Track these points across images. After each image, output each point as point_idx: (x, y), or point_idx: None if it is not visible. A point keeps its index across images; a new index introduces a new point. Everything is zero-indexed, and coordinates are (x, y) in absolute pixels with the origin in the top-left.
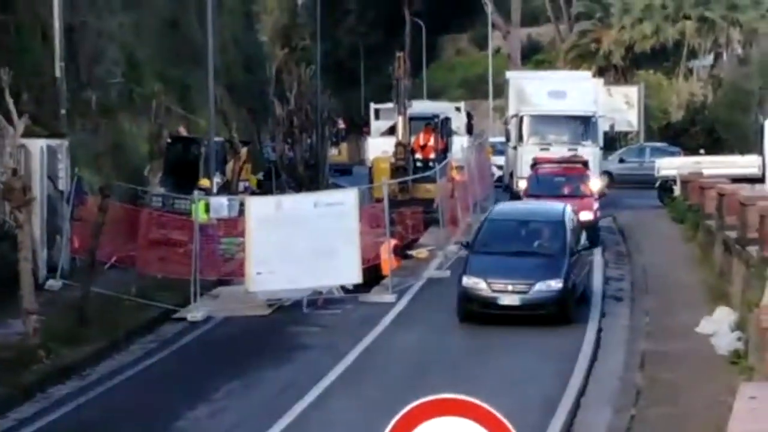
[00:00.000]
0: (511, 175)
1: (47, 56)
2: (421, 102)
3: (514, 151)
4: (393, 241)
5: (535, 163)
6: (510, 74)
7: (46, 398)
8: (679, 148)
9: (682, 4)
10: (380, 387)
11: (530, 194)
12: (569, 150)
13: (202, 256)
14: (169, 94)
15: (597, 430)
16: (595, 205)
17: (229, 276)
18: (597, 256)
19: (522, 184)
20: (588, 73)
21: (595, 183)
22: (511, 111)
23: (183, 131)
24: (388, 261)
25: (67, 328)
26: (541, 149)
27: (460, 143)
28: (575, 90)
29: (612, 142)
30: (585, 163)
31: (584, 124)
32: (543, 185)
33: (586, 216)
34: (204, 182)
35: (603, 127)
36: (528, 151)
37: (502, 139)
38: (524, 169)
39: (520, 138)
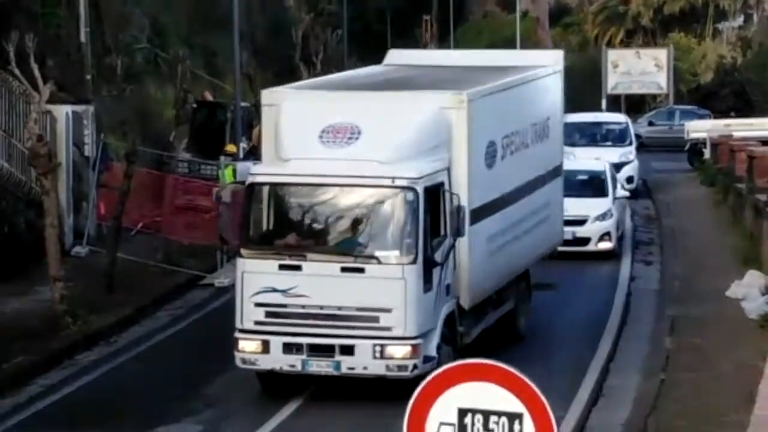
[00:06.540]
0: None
1: (72, 22)
2: None
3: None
4: None
5: None
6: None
7: (73, 365)
8: (708, 111)
9: None
10: None
11: None
12: (344, 269)
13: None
14: (195, 59)
15: (627, 394)
16: None
17: None
18: (626, 219)
19: (245, 347)
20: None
21: None
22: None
23: (209, 96)
24: None
25: (93, 295)
26: (282, 266)
27: None
28: (391, 117)
29: (641, 104)
30: None
31: (402, 214)
32: None
33: None
34: (230, 148)
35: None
36: (255, 269)
37: None
38: (248, 311)
39: (243, 236)
